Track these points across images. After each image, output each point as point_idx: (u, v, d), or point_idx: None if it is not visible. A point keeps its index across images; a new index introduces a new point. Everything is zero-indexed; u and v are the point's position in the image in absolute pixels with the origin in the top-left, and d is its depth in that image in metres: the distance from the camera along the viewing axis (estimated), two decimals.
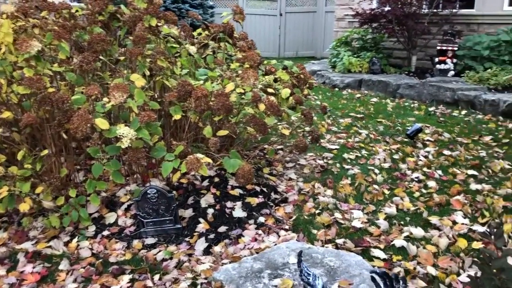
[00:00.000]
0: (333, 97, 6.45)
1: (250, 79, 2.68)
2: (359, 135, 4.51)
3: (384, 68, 7.38)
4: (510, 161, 3.74)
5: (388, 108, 5.69)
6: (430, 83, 6.08)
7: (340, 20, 8.95)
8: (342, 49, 7.83)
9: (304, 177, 3.45)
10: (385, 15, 7.05)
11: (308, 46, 12.36)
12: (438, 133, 4.52)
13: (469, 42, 6.62)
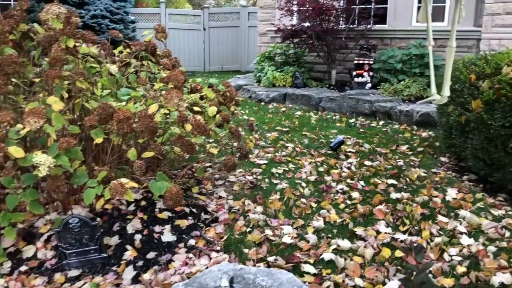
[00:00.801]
0: (259, 111, 6.55)
1: (174, 100, 2.64)
2: (286, 149, 4.60)
3: (306, 82, 7.63)
4: (425, 168, 4.00)
5: (312, 121, 5.87)
6: (349, 96, 6.37)
7: (263, 36, 9.14)
8: (266, 64, 7.99)
9: (234, 195, 3.44)
10: (305, 31, 7.31)
11: (233, 60, 12.49)
12: (359, 144, 4.73)
13: (383, 56, 7.04)
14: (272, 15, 8.79)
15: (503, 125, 3.23)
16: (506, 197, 3.40)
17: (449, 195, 3.35)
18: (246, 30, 12.17)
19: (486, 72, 3.51)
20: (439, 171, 3.96)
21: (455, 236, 2.73)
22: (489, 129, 3.34)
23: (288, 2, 7.47)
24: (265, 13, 9.05)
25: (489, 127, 3.34)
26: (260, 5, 9.13)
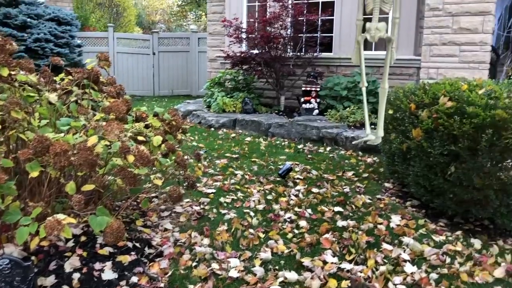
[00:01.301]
0: (209, 137, 6.50)
1: (114, 132, 2.55)
2: (235, 177, 4.57)
3: (256, 107, 7.68)
4: (370, 195, 4.09)
5: (261, 147, 5.89)
6: (297, 122, 6.47)
7: (213, 61, 9.17)
8: (216, 90, 7.99)
9: (180, 226, 3.36)
10: (254, 58, 7.40)
11: (183, 85, 12.42)
12: (307, 170, 4.78)
13: (329, 83, 7.23)
14: (222, 42, 8.86)
15: (442, 153, 3.37)
16: (447, 222, 3.52)
17: (393, 221, 3.43)
18: (196, 55, 12.19)
19: (425, 102, 3.67)
20: (384, 197, 4.06)
21: (399, 264, 2.78)
22: (429, 156, 3.47)
23: (237, 29, 7.56)
24: (214, 39, 9.11)
25: (429, 155, 3.47)
26: (209, 32, 9.19)
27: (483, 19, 5.81)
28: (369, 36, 3.88)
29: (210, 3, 9.10)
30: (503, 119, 3.07)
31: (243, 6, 8.48)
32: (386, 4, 3.77)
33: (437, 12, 6.08)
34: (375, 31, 3.83)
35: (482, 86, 3.62)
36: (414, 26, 7.02)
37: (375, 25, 3.81)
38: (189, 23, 25.00)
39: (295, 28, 7.54)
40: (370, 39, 3.88)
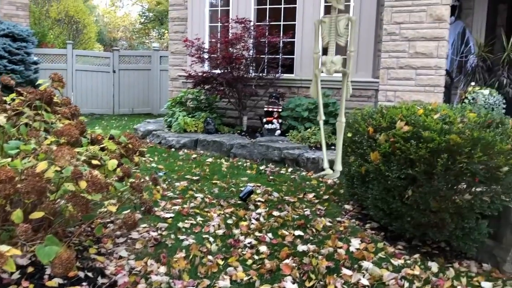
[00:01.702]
0: (169, 158, 6.38)
1: (65, 157, 2.44)
2: (195, 200, 4.47)
3: (218, 127, 7.63)
4: (330, 217, 4.09)
5: (223, 168, 5.83)
6: (259, 142, 6.45)
7: (174, 80, 9.09)
8: (177, 109, 7.89)
9: (136, 254, 3.23)
10: (216, 78, 7.38)
11: (144, 103, 12.24)
12: (268, 193, 4.75)
13: (291, 104, 7.28)
14: (184, 61, 8.80)
15: (399, 176, 3.41)
16: (405, 245, 3.56)
17: (353, 245, 3.43)
18: (158, 73, 12.06)
19: (383, 125, 3.73)
20: (344, 219, 4.06)
21: None
22: (387, 180, 3.51)
23: (199, 49, 7.54)
24: (176, 58, 9.05)
25: (386, 178, 3.51)
26: (171, 51, 9.12)
27: (437, 45, 6.03)
28: (325, 69, 3.95)
29: (172, 22, 9.06)
30: (457, 143, 3.14)
31: (205, 26, 8.48)
32: (341, 38, 3.87)
33: (394, 37, 6.27)
34: (330, 65, 3.91)
35: (437, 110, 3.72)
36: (372, 50, 7.21)
37: (331, 58, 3.91)
38: (152, 40, 24.85)
39: (257, 49, 7.59)
40: (326, 73, 3.96)
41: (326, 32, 3.89)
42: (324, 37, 3.94)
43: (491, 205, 3.21)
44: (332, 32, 3.87)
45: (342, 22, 3.77)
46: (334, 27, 3.84)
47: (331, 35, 3.91)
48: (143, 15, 25.44)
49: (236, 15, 7.75)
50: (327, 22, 3.83)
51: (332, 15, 3.96)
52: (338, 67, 3.89)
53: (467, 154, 3.11)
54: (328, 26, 3.83)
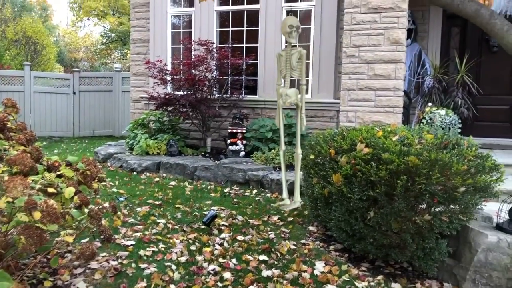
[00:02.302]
0: (131, 182, 6.23)
1: (18, 188, 2.33)
2: (157, 226, 4.36)
3: (182, 149, 7.55)
4: (295, 240, 4.07)
5: (186, 192, 5.74)
6: (224, 164, 6.41)
7: (136, 102, 8.96)
8: (139, 131, 7.77)
9: (95, 285, 3.10)
10: (179, 100, 7.33)
11: (105, 125, 12.00)
12: (233, 216, 4.69)
13: (255, 125, 7.30)
14: (146, 82, 8.71)
15: (361, 198, 3.45)
16: (369, 267, 3.58)
17: (317, 268, 3.42)
18: (120, 94, 11.89)
19: (344, 147, 3.77)
20: (308, 241, 4.06)
21: None
22: (349, 202, 3.53)
23: (161, 71, 7.48)
24: (138, 80, 8.94)
25: (349, 200, 3.54)
26: (133, 72, 9.01)
27: (395, 67, 6.21)
28: (281, 101, 4.03)
29: (134, 44, 8.98)
30: (416, 165, 3.21)
31: (167, 48, 8.45)
32: (294, 71, 3.97)
33: (353, 59, 6.43)
34: (285, 97, 4.00)
35: (396, 132, 3.81)
36: (333, 72, 7.36)
37: (285, 91, 3.99)
38: (114, 61, 24.54)
39: (220, 71, 7.61)
40: (282, 104, 4.03)
41: (283, 65, 3.98)
42: (282, 70, 4.04)
43: (450, 224, 3.28)
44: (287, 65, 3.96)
45: (294, 55, 3.89)
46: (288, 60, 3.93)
47: (287, 68, 4.01)
48: (105, 35, 25.17)
49: (199, 37, 7.77)
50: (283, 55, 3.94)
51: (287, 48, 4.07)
52: (292, 99, 3.98)
53: (425, 176, 3.18)
54: (284, 60, 3.93)
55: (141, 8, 8.81)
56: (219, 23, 8.21)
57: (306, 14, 7.57)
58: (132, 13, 8.98)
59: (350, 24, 6.37)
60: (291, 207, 4.29)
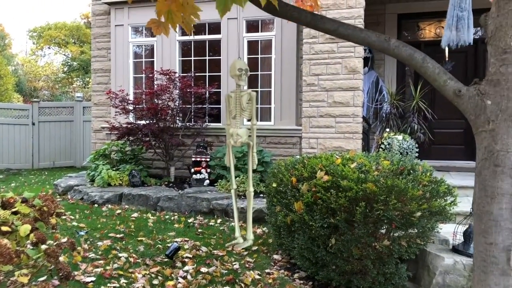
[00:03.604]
0: (91, 215, 6.08)
1: None
2: (119, 260, 4.26)
3: (144, 179, 7.45)
4: (259, 269, 4.06)
5: (149, 224, 5.64)
6: (187, 194, 6.36)
7: (98, 132, 8.83)
8: (100, 162, 7.62)
9: None
10: (141, 129, 7.27)
11: (66, 156, 11.71)
12: (196, 247, 4.64)
13: (219, 153, 7.31)
14: (108, 112, 8.61)
15: (322, 225, 3.50)
16: None
17: None
18: (81, 124, 11.68)
19: (304, 175, 3.83)
20: (273, 270, 4.05)
21: None
22: (311, 229, 3.58)
23: (123, 101, 7.43)
24: (99, 110, 8.83)
25: (311, 228, 3.58)
26: (94, 102, 8.90)
27: (353, 94, 6.41)
28: (232, 141, 4.10)
29: (95, 74, 8.90)
30: (373, 192, 3.30)
31: (129, 78, 8.42)
32: (245, 112, 4.08)
33: (313, 88, 6.59)
34: (236, 137, 4.08)
35: (354, 159, 3.91)
36: (294, 99, 7.51)
37: (237, 131, 4.08)
38: (76, 90, 24.16)
39: (184, 99, 7.63)
40: (234, 144, 4.11)
41: (233, 106, 4.08)
42: (232, 110, 4.13)
43: (408, 249, 3.36)
44: (237, 106, 4.06)
45: (244, 97, 4.01)
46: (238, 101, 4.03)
47: (237, 109, 4.11)
48: (67, 64, 24.83)
49: (161, 67, 7.79)
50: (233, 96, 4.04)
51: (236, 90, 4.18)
52: (243, 139, 4.08)
53: (383, 202, 3.27)
54: (234, 101, 4.03)
55: (102, 38, 8.79)
56: (182, 52, 8.28)
57: (267, 44, 7.75)
58: (93, 43, 8.93)
59: (309, 53, 6.56)
60: (243, 246, 4.32)
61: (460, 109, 1.61)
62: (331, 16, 6.43)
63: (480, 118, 1.47)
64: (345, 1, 6.36)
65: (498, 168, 1.40)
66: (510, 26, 1.38)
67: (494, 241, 1.38)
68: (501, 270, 1.36)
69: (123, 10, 8.41)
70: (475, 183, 1.50)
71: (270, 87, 7.73)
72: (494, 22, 1.43)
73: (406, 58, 1.68)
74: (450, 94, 1.59)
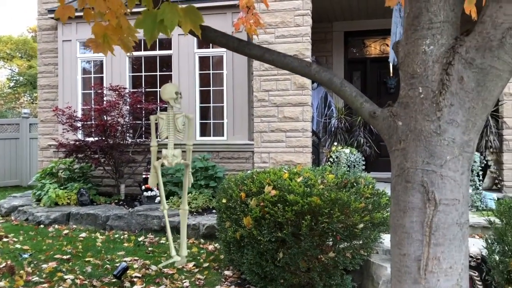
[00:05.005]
0: (37, 236, 5.84)
1: None
2: (64, 283, 4.11)
3: (94, 198, 7.25)
4: (210, 286, 4.04)
5: (98, 243, 5.49)
6: (138, 212, 6.25)
7: (45, 150, 8.53)
8: (47, 181, 7.36)
9: None
10: (90, 146, 7.10)
11: (11, 175, 11.20)
12: (146, 266, 4.56)
13: (171, 169, 7.23)
14: (55, 129, 8.35)
15: (270, 240, 3.54)
16: None
17: None
18: (27, 142, 11.24)
19: (253, 190, 3.88)
20: (223, 287, 4.05)
21: None
22: (260, 244, 3.61)
23: (70, 118, 7.24)
24: (46, 127, 8.55)
25: (259, 242, 3.62)
26: (41, 119, 8.62)
27: (302, 109, 6.56)
28: (166, 162, 4.13)
29: (42, 90, 8.63)
30: (318, 205, 3.39)
31: (77, 94, 8.23)
32: (180, 134, 4.13)
33: (264, 103, 6.70)
34: (172, 158, 4.13)
35: (301, 173, 4.00)
36: (247, 114, 7.58)
37: (172, 152, 4.13)
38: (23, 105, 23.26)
39: (134, 115, 7.53)
40: (168, 165, 4.15)
41: (165, 128, 4.12)
42: (162, 132, 4.17)
43: (353, 260, 3.46)
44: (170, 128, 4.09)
45: (179, 119, 4.06)
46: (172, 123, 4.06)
47: (170, 131, 4.14)
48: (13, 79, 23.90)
49: (110, 83, 7.67)
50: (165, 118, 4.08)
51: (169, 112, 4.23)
52: (179, 159, 4.12)
53: (327, 215, 3.36)
54: (166, 122, 4.06)
55: (49, 53, 8.56)
56: (132, 68, 8.19)
57: (219, 60, 7.81)
58: (40, 58, 8.68)
59: (259, 70, 6.67)
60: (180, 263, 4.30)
61: (376, 130, 1.70)
62: (279, 33, 6.60)
63: (393, 138, 1.57)
64: (293, 19, 6.54)
65: (409, 184, 1.49)
66: (416, 54, 1.49)
67: (407, 252, 1.47)
68: (413, 278, 1.44)
69: (71, 25, 8.23)
70: (391, 198, 1.59)
71: (222, 103, 7.76)
72: (404, 50, 1.54)
73: (326, 82, 1.77)
74: (366, 116, 1.69)
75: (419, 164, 1.46)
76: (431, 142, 1.44)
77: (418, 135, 1.47)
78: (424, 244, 1.42)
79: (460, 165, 1.44)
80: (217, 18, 7.49)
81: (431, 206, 1.41)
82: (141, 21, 1.54)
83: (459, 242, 1.43)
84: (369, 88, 8.29)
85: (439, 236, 1.41)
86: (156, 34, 1.54)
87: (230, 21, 7.28)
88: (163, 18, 1.48)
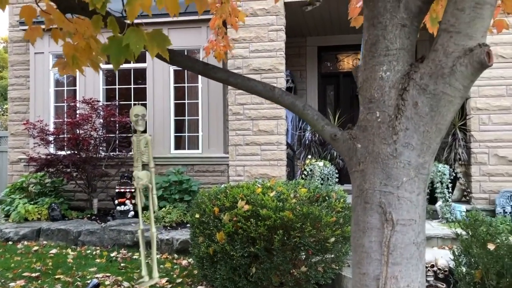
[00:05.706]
0: (5, 253, 5.70)
1: None
2: None
3: (65, 213, 7.12)
4: None
5: (69, 260, 5.39)
6: (110, 227, 6.17)
7: (15, 164, 8.36)
8: (17, 196, 7.20)
9: None
10: (62, 160, 6.99)
11: None
12: (118, 283, 4.51)
13: None
14: (26, 143, 8.20)
15: (243, 255, 3.56)
16: None
17: None
18: None
19: (226, 205, 3.90)
20: None
21: None
22: (232, 259, 3.62)
23: (42, 131, 7.12)
24: (17, 140, 8.38)
25: (232, 257, 3.63)
26: (11, 132, 8.45)
27: (277, 123, 6.64)
28: (135, 183, 4.19)
29: (12, 103, 8.48)
30: (290, 219, 3.43)
31: (50, 107, 8.11)
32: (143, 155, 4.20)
33: (239, 117, 6.74)
34: (137, 179, 4.18)
35: (274, 188, 4.04)
36: (222, 127, 7.60)
37: (137, 174, 4.19)
38: None
39: (107, 129, 7.46)
40: (136, 186, 4.19)
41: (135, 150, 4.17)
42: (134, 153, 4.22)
43: (325, 274, 3.51)
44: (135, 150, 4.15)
45: (142, 141, 4.11)
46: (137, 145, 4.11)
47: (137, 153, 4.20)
48: None
49: (83, 96, 7.59)
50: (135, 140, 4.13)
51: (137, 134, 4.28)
52: (144, 181, 4.17)
53: (299, 229, 3.40)
54: (136, 144, 4.11)
55: (21, 65, 8.42)
56: (106, 81, 8.13)
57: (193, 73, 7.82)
58: (11, 70, 8.53)
59: None
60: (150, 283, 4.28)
61: (337, 151, 1.76)
62: (254, 48, 6.68)
63: (352, 159, 1.62)
64: (267, 34, 6.64)
65: (367, 205, 1.55)
66: (373, 79, 1.56)
67: (366, 271, 1.51)
68: None
69: (43, 37, 8.13)
70: (351, 218, 1.64)
71: (197, 116, 7.77)
72: (362, 75, 1.61)
73: (289, 105, 1.82)
74: (328, 138, 1.75)
75: (377, 186, 1.52)
76: (388, 165, 1.50)
77: (375, 157, 1.52)
78: (382, 263, 1.47)
79: (416, 187, 1.50)
80: (191, 32, 7.55)
81: (388, 227, 1.46)
82: (107, 47, 1.56)
83: (416, 261, 1.49)
84: (342, 101, 8.43)
85: (397, 255, 1.46)
86: (122, 60, 1.56)
87: (205, 34, 7.33)
88: (128, 43, 1.50)
